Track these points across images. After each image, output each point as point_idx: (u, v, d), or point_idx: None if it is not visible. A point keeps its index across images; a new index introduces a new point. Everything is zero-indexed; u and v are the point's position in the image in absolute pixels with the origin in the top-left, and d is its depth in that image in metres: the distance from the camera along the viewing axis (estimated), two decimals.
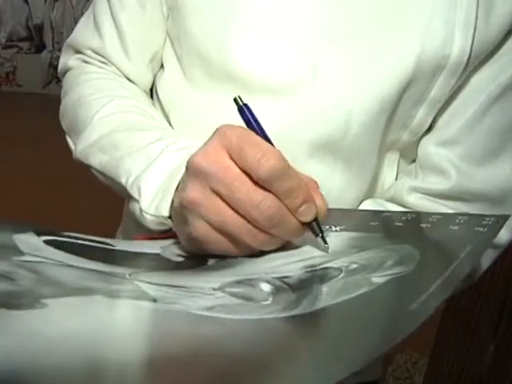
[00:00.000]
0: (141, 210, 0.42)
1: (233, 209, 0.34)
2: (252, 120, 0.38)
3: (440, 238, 0.36)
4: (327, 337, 0.27)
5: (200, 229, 0.36)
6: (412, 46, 0.45)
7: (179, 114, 0.53)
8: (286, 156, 0.47)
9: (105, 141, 0.49)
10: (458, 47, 0.45)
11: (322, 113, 0.46)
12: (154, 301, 0.31)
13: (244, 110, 0.38)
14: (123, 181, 0.45)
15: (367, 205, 0.51)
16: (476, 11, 0.44)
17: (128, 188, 0.44)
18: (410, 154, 0.53)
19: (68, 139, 0.55)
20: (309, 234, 0.37)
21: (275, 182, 0.33)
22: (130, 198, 0.44)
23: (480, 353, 1.13)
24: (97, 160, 0.49)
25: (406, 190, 0.50)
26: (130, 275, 0.35)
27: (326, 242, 0.37)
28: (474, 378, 1.16)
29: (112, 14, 0.54)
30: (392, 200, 0.51)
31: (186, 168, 0.36)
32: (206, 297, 0.32)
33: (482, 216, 0.38)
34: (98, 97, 0.52)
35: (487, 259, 0.52)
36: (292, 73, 0.46)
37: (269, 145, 0.35)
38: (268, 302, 0.31)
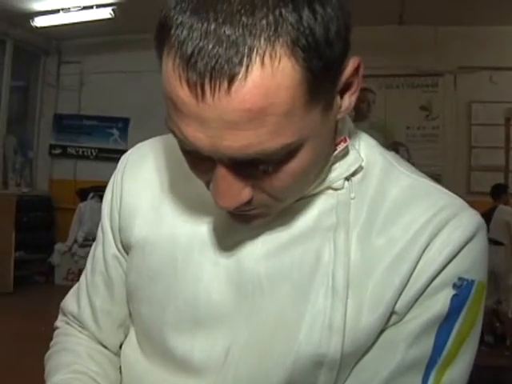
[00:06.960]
0: None
1: None
2: None
3: None
4: None
5: None
6: (292, 344, 0.54)
7: (132, 377, 0.64)
8: None
9: None
10: (332, 347, 0.52)
11: None
12: None
13: None
14: None
15: None
16: (344, 318, 0.53)
17: None
18: None
19: None
20: None
21: None
22: None
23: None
24: None
25: None
26: None
27: None
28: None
29: (87, 291, 0.69)
30: None
31: None
32: None
33: None
34: (61, 368, 0.64)
35: None
36: (211, 355, 0.57)
37: None
38: None
